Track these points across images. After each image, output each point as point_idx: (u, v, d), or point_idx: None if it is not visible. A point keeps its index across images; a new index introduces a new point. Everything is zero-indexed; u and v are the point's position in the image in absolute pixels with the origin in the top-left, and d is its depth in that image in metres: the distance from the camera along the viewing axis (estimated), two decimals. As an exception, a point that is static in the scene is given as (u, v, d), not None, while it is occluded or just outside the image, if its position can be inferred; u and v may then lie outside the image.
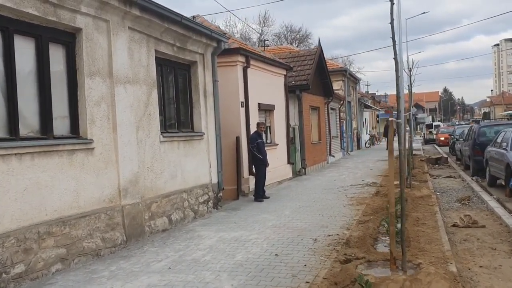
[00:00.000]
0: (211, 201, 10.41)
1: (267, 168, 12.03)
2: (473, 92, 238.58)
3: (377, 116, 48.19)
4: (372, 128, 43.26)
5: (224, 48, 10.92)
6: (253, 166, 12.08)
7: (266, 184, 12.18)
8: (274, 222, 8.91)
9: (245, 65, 12.48)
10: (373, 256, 6.13)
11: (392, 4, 5.38)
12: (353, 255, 6.32)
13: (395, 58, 5.49)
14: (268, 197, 11.89)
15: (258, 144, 11.74)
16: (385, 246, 7.01)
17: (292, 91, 16.71)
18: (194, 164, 9.83)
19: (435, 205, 10.08)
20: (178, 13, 8.70)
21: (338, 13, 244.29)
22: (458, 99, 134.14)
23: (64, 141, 6.45)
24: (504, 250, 6.68)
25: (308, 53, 18.85)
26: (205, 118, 10.34)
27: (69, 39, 6.74)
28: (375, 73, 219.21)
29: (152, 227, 8.24)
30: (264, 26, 49.99)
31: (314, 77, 18.11)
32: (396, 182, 14.02)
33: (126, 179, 7.54)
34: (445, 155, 23.50)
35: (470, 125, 22.03)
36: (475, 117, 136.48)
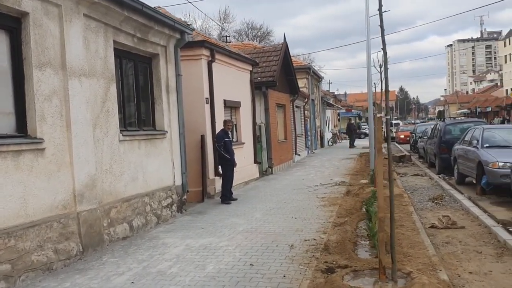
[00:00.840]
0: (175, 204, 9.71)
1: (234, 168, 11.43)
2: (427, 91, 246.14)
3: (338, 114, 48.40)
4: (334, 127, 43.38)
5: (187, 40, 10.23)
6: (220, 166, 11.45)
7: (233, 185, 11.56)
8: (244, 226, 8.32)
9: (210, 59, 11.82)
10: (357, 263, 5.65)
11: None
12: (334, 262, 5.83)
13: (384, 49, 5.02)
14: (236, 199, 11.29)
15: (225, 143, 11.11)
16: (366, 251, 6.58)
17: (258, 87, 16.15)
18: (157, 165, 9.11)
19: (409, 204, 9.78)
20: (139, 1, 7.96)
21: (297, 12, 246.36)
22: (413, 98, 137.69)
23: (8, 140, 5.63)
24: (490, 253, 6.35)
25: (273, 49, 18.34)
26: (167, 115, 9.63)
27: (14, 24, 5.92)
28: (334, 72, 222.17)
29: (112, 234, 7.48)
30: (225, 22, 49.35)
31: (280, 74, 17.63)
32: (364, 181, 13.76)
33: (82, 182, 6.76)
34: (407, 153, 23.59)
35: (435, 123, 22.05)
36: (429, 116, 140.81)
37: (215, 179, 11.92)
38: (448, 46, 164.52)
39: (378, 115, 5.13)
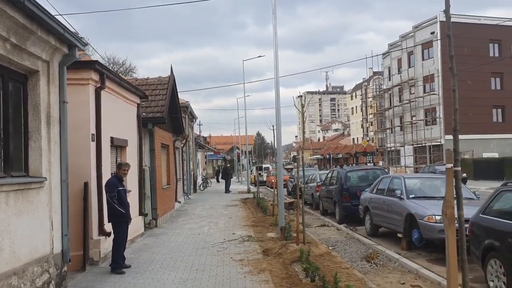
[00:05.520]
0: (52, 281, 6.88)
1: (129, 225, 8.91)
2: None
3: (205, 157, 46.96)
4: (203, 170, 41.67)
5: (77, 58, 7.73)
6: (111, 223, 8.80)
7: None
8: (165, 314, 5.95)
9: (99, 85, 9.32)
10: None
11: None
12: None
13: (450, 47, 3.46)
14: (129, 266, 8.73)
15: (119, 193, 8.57)
16: None
17: (143, 125, 13.76)
18: (31, 227, 6.31)
19: (351, 267, 8.31)
20: (21, -12, 5.44)
21: (150, 55, 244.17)
22: (268, 143, 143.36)
23: None
24: None
25: (159, 82, 16.12)
26: (47, 155, 6.91)
27: None
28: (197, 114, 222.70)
29: None
30: (85, 54, 45.36)
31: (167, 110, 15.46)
32: (272, 235, 12.09)
33: None
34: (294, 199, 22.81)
35: (332, 169, 21.47)
36: (284, 160, 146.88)
37: (100, 240, 9.21)
38: (298, 96, 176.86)
39: (448, 166, 3.46)
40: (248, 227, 13.56)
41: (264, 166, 48.74)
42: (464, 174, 28.31)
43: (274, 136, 11.02)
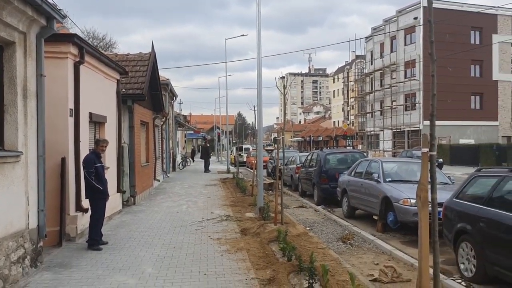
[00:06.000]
0: (28, 256, 6.83)
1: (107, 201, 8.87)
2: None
3: (185, 136, 46.73)
4: (182, 149, 41.50)
5: (55, 31, 7.55)
6: (89, 200, 8.73)
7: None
8: (141, 291, 5.98)
9: (78, 59, 9.13)
10: None
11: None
12: None
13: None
14: (106, 243, 8.71)
15: (97, 170, 8.49)
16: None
17: (123, 101, 13.59)
18: (6, 202, 6.23)
19: (326, 248, 8.44)
20: (-4, -45, 5.26)
21: (131, 31, 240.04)
22: (249, 124, 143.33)
23: None
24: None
25: (139, 58, 15.89)
26: (23, 129, 6.80)
27: None
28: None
29: None
30: (63, 27, 44.32)
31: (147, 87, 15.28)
32: (250, 215, 12.15)
33: None
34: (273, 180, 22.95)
35: (312, 151, 21.70)
36: (265, 141, 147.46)
37: (77, 216, 9.15)
38: (280, 78, 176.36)
39: (423, 150, 3.50)
40: (226, 206, 13.62)
41: (244, 146, 48.60)
42: (441, 160, 28.88)
43: (255, 117, 10.98)
